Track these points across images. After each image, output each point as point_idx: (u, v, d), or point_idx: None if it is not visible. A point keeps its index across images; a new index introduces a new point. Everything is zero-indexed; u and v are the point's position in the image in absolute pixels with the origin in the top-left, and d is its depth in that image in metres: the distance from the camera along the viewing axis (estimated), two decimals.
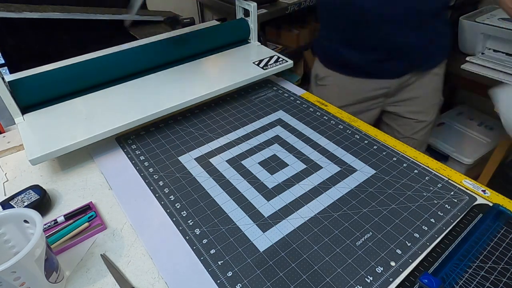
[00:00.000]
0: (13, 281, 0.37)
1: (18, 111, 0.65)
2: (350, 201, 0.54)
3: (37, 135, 0.62)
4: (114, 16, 1.66)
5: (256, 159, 0.63)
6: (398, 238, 0.49)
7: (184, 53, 0.82)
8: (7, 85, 0.62)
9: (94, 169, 0.63)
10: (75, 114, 0.67)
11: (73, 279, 0.46)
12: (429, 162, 0.61)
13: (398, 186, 0.57)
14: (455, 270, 0.44)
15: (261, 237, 0.49)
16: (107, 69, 0.73)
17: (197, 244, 0.49)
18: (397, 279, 0.44)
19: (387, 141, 0.66)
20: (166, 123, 0.72)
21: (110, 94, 0.72)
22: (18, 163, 0.65)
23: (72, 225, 0.51)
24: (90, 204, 0.55)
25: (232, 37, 0.90)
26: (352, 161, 0.62)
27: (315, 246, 0.48)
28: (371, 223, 0.51)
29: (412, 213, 0.52)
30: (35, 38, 1.61)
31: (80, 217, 0.53)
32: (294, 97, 0.80)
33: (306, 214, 0.53)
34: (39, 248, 0.38)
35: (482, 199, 0.54)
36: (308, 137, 0.68)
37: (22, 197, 0.54)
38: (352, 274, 0.45)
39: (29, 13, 1.44)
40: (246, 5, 0.85)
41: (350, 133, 0.69)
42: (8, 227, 0.43)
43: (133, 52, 0.76)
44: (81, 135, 0.61)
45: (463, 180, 0.58)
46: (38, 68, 0.79)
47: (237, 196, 0.56)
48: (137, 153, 0.65)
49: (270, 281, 0.44)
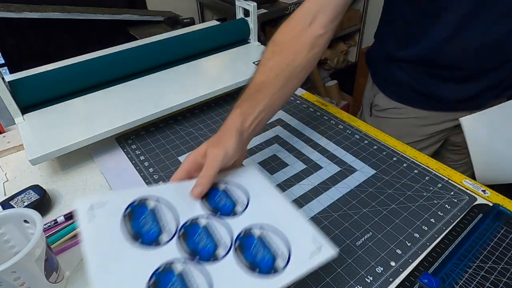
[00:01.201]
0: (13, 281, 0.37)
1: (18, 111, 0.65)
2: (350, 201, 0.54)
3: (37, 135, 0.62)
4: (114, 16, 1.66)
5: (256, 159, 0.63)
6: (398, 238, 0.49)
7: (184, 53, 0.82)
8: (7, 85, 0.62)
9: (94, 169, 0.63)
10: (75, 114, 0.67)
11: (73, 279, 0.46)
12: (429, 162, 0.61)
13: (398, 186, 0.57)
14: (455, 270, 0.44)
15: None
16: (107, 69, 0.73)
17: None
18: (397, 279, 0.44)
19: (387, 141, 0.66)
20: (166, 123, 0.72)
21: (110, 94, 0.72)
22: (18, 163, 0.65)
23: (72, 225, 0.51)
24: None
25: (232, 37, 0.90)
26: (352, 161, 0.62)
27: None
28: (371, 223, 0.51)
29: (412, 213, 0.52)
30: (35, 38, 1.61)
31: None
32: (294, 97, 0.80)
33: (306, 214, 0.53)
34: (39, 248, 0.38)
35: (482, 199, 0.54)
36: (308, 137, 0.68)
37: (22, 197, 0.54)
38: (352, 274, 0.45)
39: (29, 13, 1.44)
40: (246, 5, 0.85)
41: (350, 133, 0.69)
42: (8, 227, 0.43)
43: (133, 52, 0.76)
44: (81, 135, 0.61)
45: (463, 180, 0.58)
46: (38, 68, 0.79)
47: None
48: (137, 153, 0.65)
49: None
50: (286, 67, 0.51)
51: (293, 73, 0.52)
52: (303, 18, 0.54)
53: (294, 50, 0.52)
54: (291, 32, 0.54)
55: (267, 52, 0.52)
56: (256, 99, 0.48)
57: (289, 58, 0.51)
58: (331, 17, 0.55)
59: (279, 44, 0.53)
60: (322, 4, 0.55)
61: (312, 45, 0.53)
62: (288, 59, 0.51)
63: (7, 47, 1.59)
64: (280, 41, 0.53)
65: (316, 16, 0.54)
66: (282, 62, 0.51)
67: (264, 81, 0.49)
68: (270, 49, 0.52)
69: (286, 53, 0.52)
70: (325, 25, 0.54)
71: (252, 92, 0.49)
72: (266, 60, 0.51)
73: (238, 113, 0.46)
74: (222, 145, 0.42)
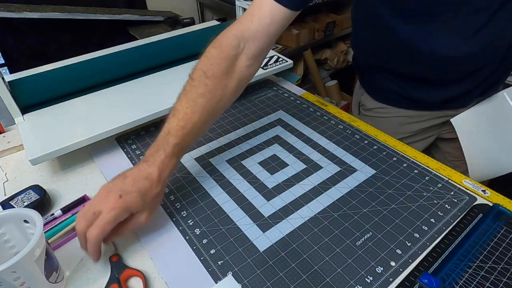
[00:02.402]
0: (13, 281, 0.37)
1: (18, 111, 0.65)
2: (350, 201, 0.54)
3: (37, 135, 0.62)
4: (114, 16, 1.66)
5: (256, 159, 0.63)
6: (398, 238, 0.49)
7: (184, 53, 0.82)
8: (7, 85, 0.62)
9: (94, 169, 0.63)
10: (75, 114, 0.67)
11: (73, 279, 0.46)
12: (429, 162, 0.61)
13: (398, 186, 0.57)
14: (455, 270, 0.44)
15: (261, 237, 0.49)
16: (107, 69, 0.73)
17: (197, 244, 0.49)
18: (397, 279, 0.44)
19: (387, 141, 0.66)
20: None
21: (110, 94, 0.72)
22: (18, 163, 0.65)
23: (71, 218, 0.52)
24: (85, 196, 0.56)
25: None
26: (352, 161, 0.62)
27: (315, 246, 0.48)
28: (371, 223, 0.51)
29: (412, 213, 0.52)
30: (35, 38, 1.62)
31: (79, 210, 0.53)
32: (294, 97, 0.80)
33: (306, 214, 0.53)
34: (39, 248, 0.38)
35: (482, 199, 0.54)
36: (308, 137, 0.68)
37: (22, 197, 0.54)
38: (352, 274, 0.45)
39: (29, 13, 1.44)
40: (246, 5, 0.85)
41: (350, 133, 0.69)
42: (8, 227, 0.43)
43: (133, 52, 0.77)
44: (81, 135, 0.61)
45: (463, 180, 0.58)
46: (38, 68, 0.79)
47: (237, 196, 0.56)
48: (137, 153, 0.65)
49: (270, 281, 0.44)
50: (216, 104, 0.52)
51: (220, 110, 0.55)
52: (235, 43, 0.53)
53: (225, 85, 0.53)
54: (222, 63, 0.52)
55: (200, 86, 0.51)
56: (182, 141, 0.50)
57: (219, 95, 0.52)
58: (261, 47, 0.55)
59: (211, 78, 0.51)
60: (255, 30, 0.54)
61: (240, 80, 0.55)
62: (217, 96, 0.52)
63: (7, 47, 1.59)
64: (213, 75, 0.51)
65: (247, 42, 0.54)
66: (212, 100, 0.51)
67: (192, 124, 0.50)
68: (202, 81, 0.51)
69: (216, 90, 0.52)
70: (254, 55, 0.55)
71: (179, 134, 0.49)
72: (197, 95, 0.51)
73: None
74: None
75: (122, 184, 0.45)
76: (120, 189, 0.44)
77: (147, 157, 0.49)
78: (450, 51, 0.61)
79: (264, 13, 0.54)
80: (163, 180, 0.48)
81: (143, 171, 0.47)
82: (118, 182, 0.46)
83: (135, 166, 0.48)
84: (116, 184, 0.46)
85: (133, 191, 0.45)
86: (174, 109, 0.51)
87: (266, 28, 0.54)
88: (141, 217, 0.46)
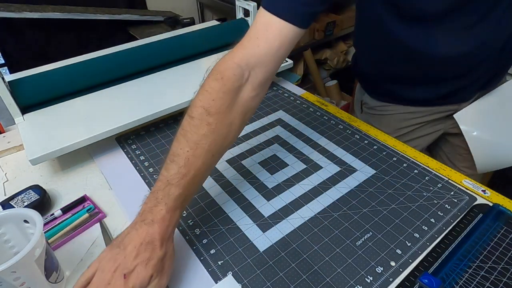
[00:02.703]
0: (13, 281, 0.37)
1: (18, 111, 0.65)
2: (350, 201, 0.54)
3: (37, 135, 0.62)
4: (114, 16, 1.66)
5: (256, 159, 0.63)
6: (398, 238, 0.49)
7: (184, 53, 0.82)
8: (7, 85, 0.62)
9: (94, 169, 0.63)
10: (75, 114, 0.67)
11: (73, 279, 0.46)
12: (429, 162, 0.61)
13: (398, 186, 0.57)
14: (455, 270, 0.44)
15: (261, 237, 0.49)
16: (107, 69, 0.73)
17: (197, 244, 0.49)
18: (397, 279, 0.44)
19: (387, 141, 0.66)
20: (166, 123, 0.72)
21: (110, 94, 0.72)
22: (18, 163, 0.65)
23: (72, 218, 0.52)
24: (85, 196, 0.56)
25: (232, 37, 0.89)
26: (352, 161, 0.62)
27: (315, 246, 0.48)
28: (371, 223, 0.51)
29: (412, 213, 0.52)
30: (35, 38, 1.61)
31: (79, 210, 0.53)
32: (294, 97, 0.80)
33: (306, 214, 0.53)
34: (39, 248, 0.38)
35: (482, 199, 0.54)
36: (308, 137, 0.68)
37: (22, 197, 0.54)
38: (352, 274, 0.45)
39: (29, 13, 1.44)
40: (246, 5, 0.85)
41: (350, 133, 0.69)
42: (8, 227, 0.43)
43: (133, 52, 0.76)
44: (81, 135, 0.61)
45: (463, 180, 0.58)
46: (38, 68, 0.79)
47: (237, 196, 0.56)
48: (137, 153, 0.65)
49: (270, 281, 0.44)
50: (221, 145, 0.46)
51: (226, 150, 0.49)
52: (239, 72, 0.47)
53: (230, 122, 0.46)
54: (226, 98, 0.45)
55: (202, 125, 0.44)
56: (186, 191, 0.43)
57: (224, 134, 0.46)
58: (269, 73, 0.49)
59: (215, 116, 0.44)
60: (263, 55, 0.48)
61: (245, 113, 0.48)
62: (223, 136, 0.46)
63: (7, 47, 1.59)
64: (216, 111, 0.44)
65: (253, 70, 0.48)
66: (217, 140, 0.45)
67: (195, 170, 0.44)
68: (204, 119, 0.44)
69: (221, 129, 0.45)
70: (261, 83, 0.48)
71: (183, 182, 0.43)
72: (200, 136, 0.44)
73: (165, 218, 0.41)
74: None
75: (123, 259, 0.39)
76: (123, 267, 0.39)
77: (145, 213, 0.42)
78: (450, 50, 0.61)
79: (273, 35, 0.48)
80: (167, 239, 0.42)
81: (142, 234, 0.40)
82: (119, 256, 0.39)
83: (132, 227, 0.41)
84: (117, 259, 0.39)
85: (137, 265, 0.39)
86: (173, 153, 0.44)
87: (275, 52, 0.48)
88: (158, 286, 0.40)
